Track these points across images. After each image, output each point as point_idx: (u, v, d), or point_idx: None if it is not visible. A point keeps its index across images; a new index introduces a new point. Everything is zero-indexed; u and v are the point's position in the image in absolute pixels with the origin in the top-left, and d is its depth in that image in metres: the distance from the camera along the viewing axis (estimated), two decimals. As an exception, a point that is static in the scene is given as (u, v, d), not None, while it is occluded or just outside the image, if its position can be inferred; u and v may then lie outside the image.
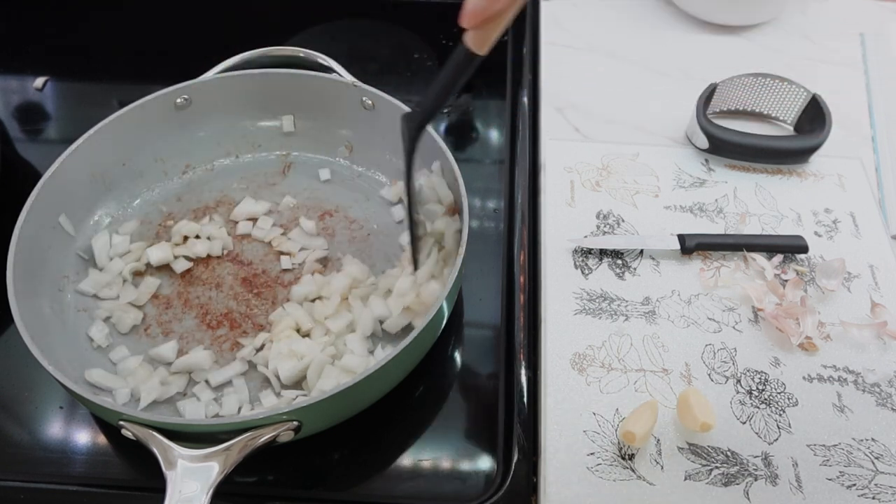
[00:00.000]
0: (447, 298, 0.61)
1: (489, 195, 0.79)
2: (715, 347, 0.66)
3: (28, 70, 0.92)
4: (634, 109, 0.86)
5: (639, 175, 0.79)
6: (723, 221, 0.75)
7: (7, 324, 0.66)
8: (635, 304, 0.69)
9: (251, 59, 0.78)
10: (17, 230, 0.63)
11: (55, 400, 0.65)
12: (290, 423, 0.54)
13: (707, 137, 0.78)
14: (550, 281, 0.70)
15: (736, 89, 0.82)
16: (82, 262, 0.71)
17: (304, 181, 0.79)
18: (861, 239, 0.74)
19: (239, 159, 0.80)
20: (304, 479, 0.61)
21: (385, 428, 0.63)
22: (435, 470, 0.61)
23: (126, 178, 0.76)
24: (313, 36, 0.97)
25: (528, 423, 0.62)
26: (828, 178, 0.79)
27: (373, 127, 0.77)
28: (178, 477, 0.51)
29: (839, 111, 0.80)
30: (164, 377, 0.64)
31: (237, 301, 0.70)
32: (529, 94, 0.88)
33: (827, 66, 0.92)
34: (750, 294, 0.68)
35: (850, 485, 0.58)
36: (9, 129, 0.87)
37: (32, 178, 0.68)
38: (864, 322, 0.67)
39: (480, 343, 0.69)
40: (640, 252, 0.72)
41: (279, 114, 0.80)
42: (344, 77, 0.76)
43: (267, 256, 0.73)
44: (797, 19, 0.97)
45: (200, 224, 0.74)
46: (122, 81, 0.92)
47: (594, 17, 0.97)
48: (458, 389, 0.66)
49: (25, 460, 0.62)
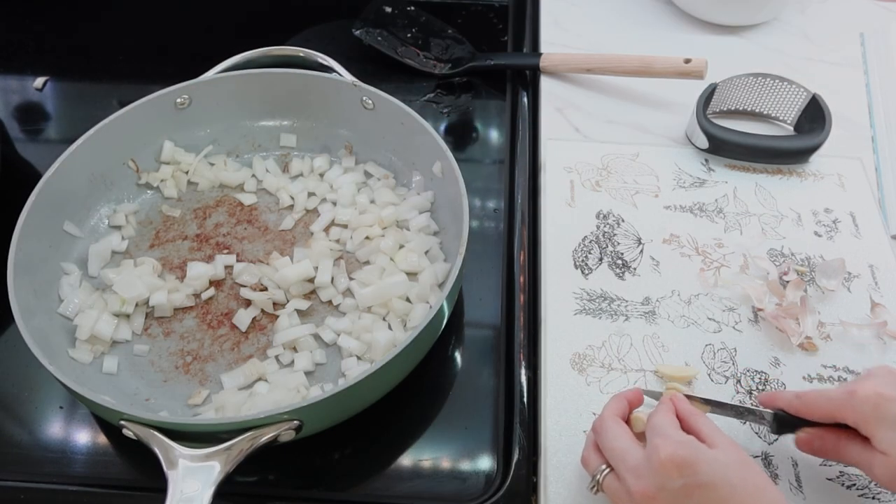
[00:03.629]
0: (447, 298, 0.61)
1: (489, 195, 0.79)
2: (715, 347, 0.66)
3: (28, 70, 0.92)
4: (634, 109, 0.86)
5: (639, 175, 0.79)
6: (723, 221, 0.75)
7: (7, 324, 0.67)
8: (635, 304, 0.69)
9: (251, 59, 0.78)
10: (17, 230, 0.63)
11: (55, 400, 0.65)
12: (291, 422, 0.54)
13: (707, 137, 0.78)
14: (550, 281, 0.70)
15: (736, 89, 0.82)
16: (82, 263, 0.71)
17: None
18: (861, 239, 0.74)
19: (239, 159, 0.80)
20: (305, 479, 0.61)
21: (385, 428, 0.63)
22: (435, 470, 0.61)
23: (126, 178, 0.76)
24: (313, 36, 0.97)
25: (528, 423, 0.62)
26: (828, 178, 0.79)
27: (373, 127, 0.77)
28: (179, 477, 0.51)
29: (839, 111, 0.80)
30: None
31: (237, 301, 0.70)
32: (529, 94, 0.88)
33: (827, 66, 0.92)
34: (750, 294, 0.68)
35: (850, 485, 0.58)
36: (9, 129, 0.87)
37: (32, 178, 0.68)
38: (864, 322, 0.67)
39: (480, 343, 0.69)
40: (640, 252, 0.72)
41: (279, 114, 0.80)
42: (344, 77, 0.76)
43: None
44: (797, 19, 0.97)
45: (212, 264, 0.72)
46: (122, 81, 0.92)
47: (594, 17, 0.97)
48: (458, 389, 0.66)
49: (25, 460, 0.62)
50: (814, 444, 0.54)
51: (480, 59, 0.91)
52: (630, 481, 0.49)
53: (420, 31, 0.94)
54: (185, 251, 0.73)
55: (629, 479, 0.49)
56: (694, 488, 0.47)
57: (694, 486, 0.47)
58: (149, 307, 0.68)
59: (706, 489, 0.47)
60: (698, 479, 0.47)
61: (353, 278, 0.70)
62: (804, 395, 0.54)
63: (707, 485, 0.47)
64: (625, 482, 0.50)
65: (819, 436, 0.54)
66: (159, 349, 0.67)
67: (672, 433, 0.50)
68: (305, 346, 0.66)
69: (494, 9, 1.01)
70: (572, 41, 0.94)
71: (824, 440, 0.54)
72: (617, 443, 0.52)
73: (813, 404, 0.53)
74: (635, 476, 0.49)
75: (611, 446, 0.52)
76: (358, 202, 0.75)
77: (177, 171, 0.78)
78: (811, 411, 0.54)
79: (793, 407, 0.55)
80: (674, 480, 0.47)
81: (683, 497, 0.47)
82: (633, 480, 0.49)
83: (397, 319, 0.67)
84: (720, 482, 0.47)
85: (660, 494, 0.48)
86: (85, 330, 0.65)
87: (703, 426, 0.52)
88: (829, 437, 0.53)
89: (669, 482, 0.48)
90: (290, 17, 0.99)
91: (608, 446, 0.52)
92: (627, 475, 0.50)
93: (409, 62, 0.92)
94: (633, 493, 0.49)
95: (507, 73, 0.91)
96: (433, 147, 0.70)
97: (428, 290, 0.67)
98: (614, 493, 0.51)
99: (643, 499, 0.48)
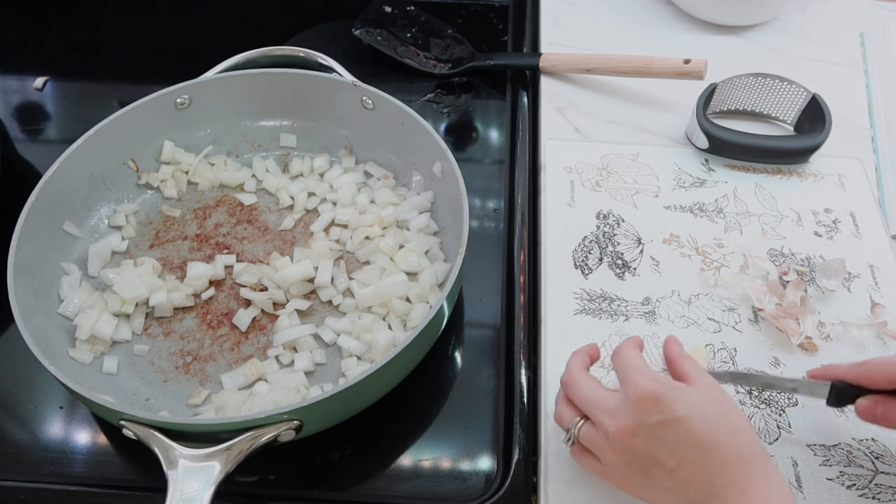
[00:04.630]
0: (447, 298, 0.61)
1: (489, 195, 0.79)
2: (715, 347, 0.66)
3: (28, 70, 0.92)
4: (634, 109, 0.86)
5: (639, 175, 0.79)
6: (723, 221, 0.75)
7: (7, 324, 0.67)
8: (635, 304, 0.69)
9: (251, 59, 0.78)
10: (17, 230, 0.63)
11: (55, 400, 0.65)
12: (291, 422, 0.54)
13: (707, 137, 0.78)
14: (550, 281, 0.70)
15: (736, 89, 0.82)
16: (82, 263, 0.71)
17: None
18: (861, 239, 0.74)
19: (239, 159, 0.80)
20: (305, 479, 0.61)
21: (385, 428, 0.63)
22: (435, 470, 0.61)
23: (126, 178, 0.76)
24: (313, 36, 0.97)
25: (528, 423, 0.62)
26: (828, 178, 0.79)
27: (373, 127, 0.77)
28: (179, 476, 0.51)
29: (839, 111, 0.80)
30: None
31: (238, 301, 0.70)
32: (529, 94, 0.88)
33: (827, 65, 0.92)
34: (750, 294, 0.68)
35: (850, 485, 0.58)
36: (9, 129, 0.87)
37: (32, 178, 0.68)
38: (864, 322, 0.67)
39: (480, 343, 0.69)
40: (640, 252, 0.72)
41: (279, 114, 0.80)
42: (344, 77, 0.76)
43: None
44: (797, 19, 0.97)
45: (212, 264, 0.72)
46: (122, 81, 0.92)
47: (594, 17, 0.97)
48: (458, 389, 0.66)
49: (25, 460, 0.62)
50: (877, 411, 0.53)
51: (480, 59, 0.91)
52: (607, 423, 0.49)
53: (420, 31, 0.94)
54: (185, 251, 0.73)
55: (606, 421, 0.50)
56: (670, 423, 0.47)
57: (670, 420, 0.47)
58: (149, 307, 0.68)
59: (681, 423, 0.47)
60: (674, 415, 0.47)
61: (353, 278, 0.70)
62: (866, 362, 0.54)
63: (682, 419, 0.47)
64: (602, 426, 0.50)
65: (883, 401, 0.53)
66: (159, 349, 0.67)
67: (646, 369, 0.51)
68: (305, 346, 0.66)
69: (494, 9, 1.01)
70: (572, 41, 0.94)
71: (888, 406, 0.53)
72: (590, 390, 0.52)
73: (877, 371, 0.53)
74: (612, 417, 0.49)
75: (584, 393, 0.52)
76: (358, 202, 0.75)
77: (177, 171, 0.78)
78: (874, 378, 0.53)
79: (853, 375, 0.54)
80: (651, 415, 0.48)
81: (661, 430, 0.48)
82: (610, 421, 0.49)
83: (397, 319, 0.67)
84: (696, 417, 0.47)
85: (639, 430, 0.48)
86: (85, 330, 0.65)
87: (689, 368, 0.52)
88: (893, 403, 0.53)
89: (647, 417, 0.48)
90: (290, 17, 0.99)
91: (581, 394, 0.52)
92: (604, 417, 0.50)
93: (409, 62, 0.92)
94: (612, 434, 0.49)
95: (507, 73, 0.91)
96: (433, 147, 0.70)
97: (428, 290, 0.67)
98: (592, 441, 0.51)
99: (623, 436, 0.49)
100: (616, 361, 0.53)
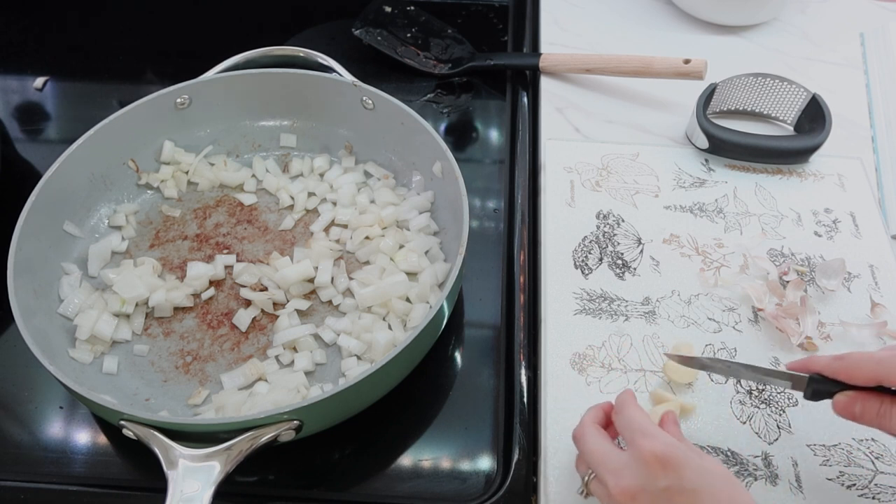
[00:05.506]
0: (447, 298, 0.61)
1: (489, 195, 0.79)
2: (715, 347, 0.66)
3: (28, 70, 0.92)
4: (634, 109, 0.86)
5: (639, 175, 0.79)
6: (723, 221, 0.75)
7: (7, 324, 0.67)
8: (635, 304, 0.69)
9: (251, 59, 0.78)
10: (17, 230, 0.64)
11: (55, 400, 0.65)
12: (291, 422, 0.54)
13: (707, 137, 0.78)
14: (550, 281, 0.70)
15: (736, 89, 0.82)
16: (82, 263, 0.71)
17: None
18: (861, 239, 0.74)
19: (239, 159, 0.80)
20: (305, 479, 0.61)
21: (385, 428, 0.63)
22: (435, 470, 0.61)
23: (126, 178, 0.76)
24: (313, 36, 0.97)
25: (528, 423, 0.62)
26: (828, 178, 0.79)
27: (373, 127, 0.77)
28: (179, 476, 0.51)
29: (839, 111, 0.80)
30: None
31: (238, 301, 0.70)
32: (529, 94, 0.88)
33: (827, 65, 0.92)
34: (750, 294, 0.68)
35: (850, 485, 0.58)
36: (9, 129, 0.87)
37: (32, 178, 0.68)
38: (864, 322, 0.67)
39: (480, 343, 0.69)
40: (640, 252, 0.72)
41: (279, 114, 0.80)
42: (344, 77, 0.76)
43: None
44: (797, 19, 0.97)
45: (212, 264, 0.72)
46: (122, 81, 0.92)
47: (594, 17, 0.97)
48: (458, 389, 0.66)
49: (25, 460, 0.62)
50: (854, 409, 0.51)
51: (480, 59, 0.91)
52: (611, 482, 0.48)
53: (420, 31, 0.94)
54: (185, 251, 0.73)
55: (609, 480, 0.48)
56: (676, 493, 0.45)
57: (676, 490, 0.46)
58: (149, 307, 0.68)
59: (689, 496, 0.45)
60: (682, 484, 0.46)
61: (353, 278, 0.70)
62: (846, 356, 0.51)
63: (691, 492, 0.45)
64: (605, 484, 0.48)
65: (861, 399, 0.50)
66: (159, 349, 0.67)
67: (656, 431, 0.49)
68: (305, 346, 0.66)
69: (494, 9, 1.01)
70: (572, 41, 0.94)
71: (866, 404, 0.50)
72: (596, 446, 0.50)
73: (855, 366, 0.50)
74: (616, 476, 0.48)
75: (589, 450, 0.51)
76: (358, 202, 0.75)
77: (177, 172, 0.78)
78: (853, 374, 0.50)
79: (831, 369, 0.51)
80: (657, 480, 0.46)
81: (664, 500, 0.46)
82: (613, 481, 0.48)
83: (397, 319, 0.67)
84: (706, 493, 0.45)
85: (641, 494, 0.46)
86: (85, 330, 0.65)
87: (687, 443, 0.50)
88: (872, 401, 0.50)
89: (652, 481, 0.46)
90: (290, 17, 0.99)
91: (587, 450, 0.51)
92: (608, 476, 0.48)
93: (409, 62, 0.92)
94: (614, 494, 0.47)
95: (507, 73, 0.91)
96: (433, 147, 0.70)
97: (428, 290, 0.67)
98: (600, 497, 0.50)
99: (624, 498, 0.47)
100: (619, 422, 0.51)
